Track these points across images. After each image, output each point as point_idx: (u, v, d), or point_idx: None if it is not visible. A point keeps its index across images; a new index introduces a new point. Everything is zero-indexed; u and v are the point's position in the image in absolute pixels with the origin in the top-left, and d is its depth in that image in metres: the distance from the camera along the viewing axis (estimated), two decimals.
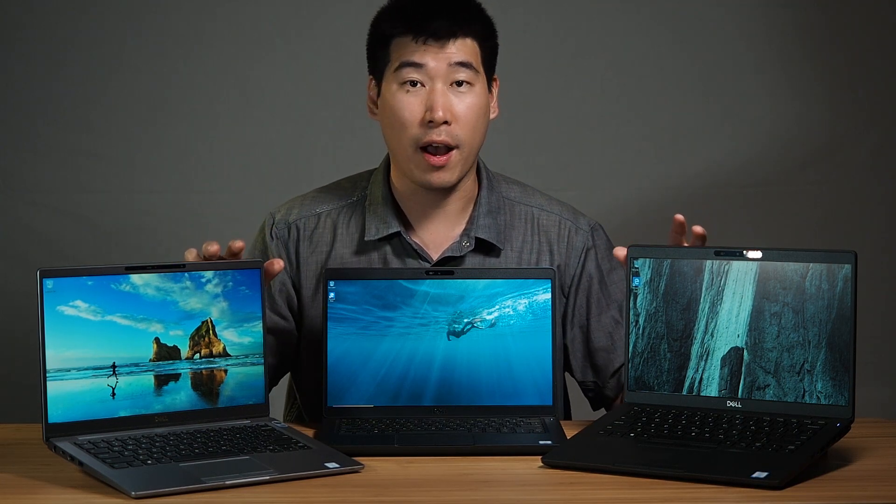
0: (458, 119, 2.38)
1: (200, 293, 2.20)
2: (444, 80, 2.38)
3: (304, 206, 2.52)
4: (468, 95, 2.39)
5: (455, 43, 2.38)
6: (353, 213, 2.49)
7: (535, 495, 2.01)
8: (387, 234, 2.45)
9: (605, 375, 2.51)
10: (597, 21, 3.69)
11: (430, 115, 2.37)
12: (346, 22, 3.56)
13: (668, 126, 3.72)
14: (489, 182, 2.50)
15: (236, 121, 3.66)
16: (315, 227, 2.49)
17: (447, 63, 2.37)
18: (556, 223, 2.52)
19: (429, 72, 2.37)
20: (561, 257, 2.51)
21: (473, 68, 2.39)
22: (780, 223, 3.74)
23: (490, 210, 2.48)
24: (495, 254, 2.47)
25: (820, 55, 3.74)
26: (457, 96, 2.39)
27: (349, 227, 2.49)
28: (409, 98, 2.38)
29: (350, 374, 2.30)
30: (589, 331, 2.51)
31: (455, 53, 2.38)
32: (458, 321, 2.31)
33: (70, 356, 2.09)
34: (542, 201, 2.54)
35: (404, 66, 2.38)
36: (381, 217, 2.46)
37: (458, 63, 2.38)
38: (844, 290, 2.13)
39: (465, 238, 2.46)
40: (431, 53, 2.37)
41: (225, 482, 1.98)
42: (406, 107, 2.38)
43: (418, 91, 2.38)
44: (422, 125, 2.38)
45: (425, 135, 2.38)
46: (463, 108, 2.38)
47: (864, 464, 2.10)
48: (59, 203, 3.64)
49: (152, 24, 3.64)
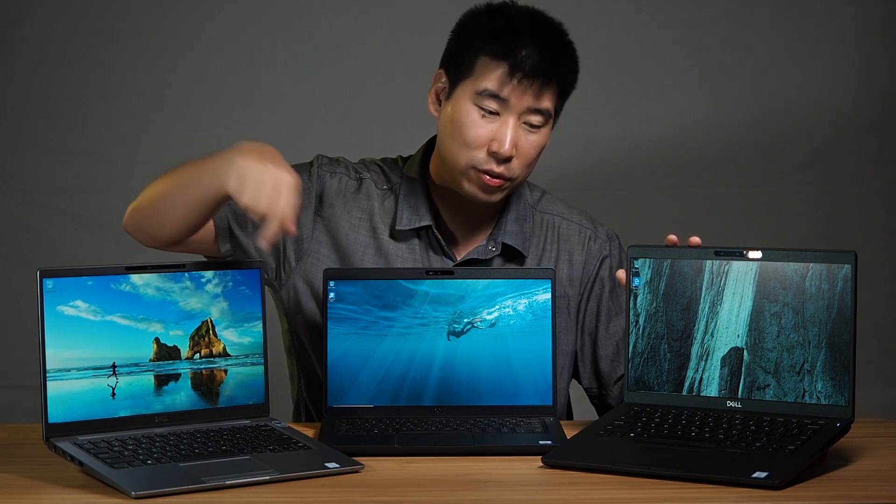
0: (521, 155, 2.36)
1: (200, 293, 2.20)
2: (518, 116, 2.35)
3: (350, 167, 2.50)
4: (536, 136, 2.38)
5: (544, 89, 2.35)
6: (387, 197, 2.49)
7: (535, 495, 2.01)
8: (417, 227, 2.45)
9: (608, 383, 2.52)
10: (597, 21, 3.69)
11: (497, 146, 2.34)
12: (346, 22, 3.57)
13: (668, 126, 3.73)
14: (518, 189, 2.50)
15: (236, 121, 3.66)
16: (356, 191, 2.48)
17: (528, 106, 2.35)
18: (577, 232, 2.53)
19: (509, 108, 2.34)
20: (578, 268, 2.51)
21: (549, 114, 2.38)
22: (780, 223, 3.74)
23: (518, 217, 2.48)
24: (519, 261, 2.48)
25: (820, 55, 3.75)
26: (525, 133, 2.36)
27: (383, 206, 2.48)
28: (482, 122, 2.35)
29: (350, 374, 2.30)
30: (596, 337, 2.52)
31: (541, 100, 2.36)
32: (458, 321, 2.31)
33: (70, 356, 2.09)
34: (562, 209, 2.55)
35: (488, 97, 2.34)
36: (413, 207, 2.45)
37: (539, 109, 2.36)
38: (844, 290, 2.13)
39: (491, 242, 2.46)
40: (518, 92, 2.34)
41: (225, 482, 1.98)
42: (476, 130, 2.35)
43: (492, 118, 2.35)
44: (486, 152, 2.35)
45: (486, 163, 2.35)
46: (528, 147, 2.37)
47: (864, 464, 2.10)
48: (59, 203, 3.64)
49: (152, 24, 3.64)
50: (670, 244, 2.26)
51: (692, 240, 2.25)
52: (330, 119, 3.68)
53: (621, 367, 2.48)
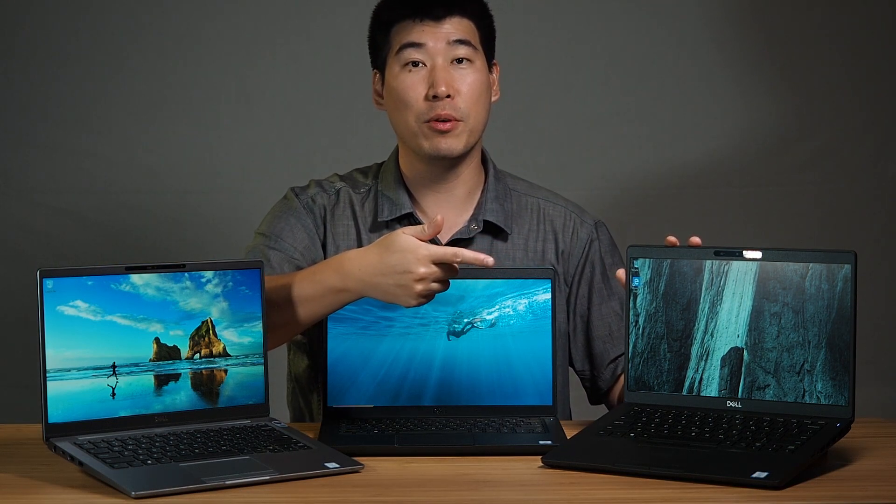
0: (461, 93, 2.45)
1: (200, 293, 2.20)
2: (445, 58, 2.45)
3: (322, 185, 2.56)
4: (469, 71, 2.46)
5: (451, 20, 2.46)
6: (367, 198, 2.54)
7: (535, 495, 2.01)
8: (399, 215, 2.49)
9: (600, 365, 2.54)
10: (597, 21, 3.69)
11: (432, 90, 2.43)
12: (346, 22, 3.56)
13: (668, 126, 3.73)
14: (495, 172, 2.56)
15: (236, 121, 3.66)
16: (336, 204, 2.54)
17: (446, 41, 2.45)
18: (562, 214, 2.57)
19: (429, 51, 2.45)
20: (566, 246, 2.55)
21: (472, 45, 2.46)
22: (780, 223, 3.74)
23: (497, 196, 2.53)
24: (503, 238, 2.52)
25: (820, 55, 3.75)
26: (458, 72, 2.46)
27: (363, 209, 2.53)
28: (412, 77, 2.45)
29: (350, 374, 2.30)
30: (589, 320, 2.55)
31: (452, 31, 2.45)
32: (458, 321, 2.31)
33: (70, 356, 2.09)
34: (547, 195, 2.61)
35: (405, 48, 2.45)
36: (393, 199, 2.51)
37: (457, 40, 2.45)
38: (844, 290, 2.13)
39: (473, 222, 2.51)
40: (429, 33, 2.45)
41: (225, 482, 1.98)
42: (410, 86, 2.45)
43: (420, 70, 2.45)
44: (426, 101, 2.44)
45: (430, 110, 2.44)
46: (465, 84, 2.45)
47: (864, 464, 2.10)
48: (59, 203, 3.64)
49: (152, 24, 3.64)
50: (670, 245, 2.26)
51: (692, 240, 2.26)
52: (330, 119, 3.68)
53: (614, 349, 2.52)
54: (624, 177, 3.72)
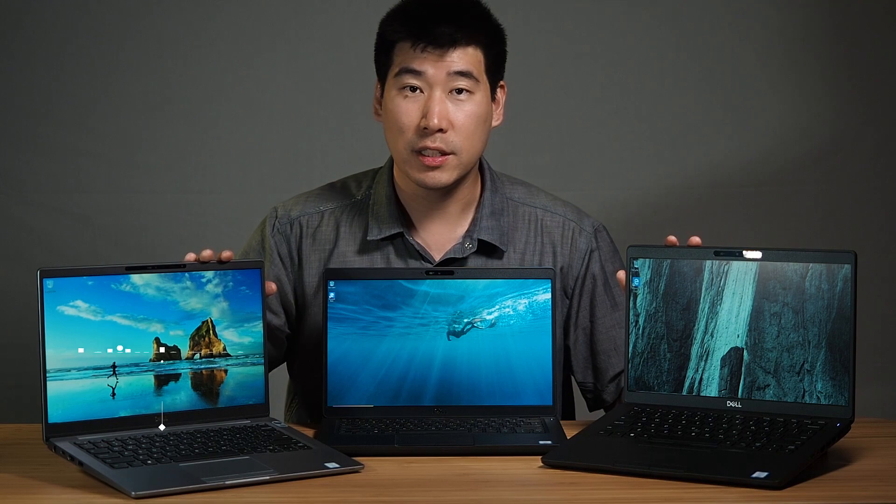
0: (455, 127, 2.38)
1: (201, 293, 2.20)
2: (444, 88, 2.38)
3: (308, 203, 2.52)
4: (467, 104, 2.39)
5: (456, 51, 2.37)
6: (357, 212, 2.50)
7: (535, 495, 2.01)
8: (389, 235, 2.45)
9: (605, 379, 2.52)
10: (597, 21, 3.69)
11: (424, 122, 2.37)
12: (346, 22, 3.56)
13: (668, 126, 3.72)
14: (493, 184, 2.51)
15: (236, 121, 3.66)
16: (318, 225, 2.50)
17: (447, 71, 2.37)
18: (560, 224, 2.52)
19: (428, 79, 2.37)
20: (564, 259, 2.51)
21: (474, 77, 2.39)
22: (780, 223, 3.74)
23: (493, 212, 2.48)
24: (498, 255, 2.47)
25: (820, 55, 3.74)
26: (455, 104, 2.38)
27: (352, 226, 2.49)
28: (407, 104, 2.39)
29: (350, 374, 2.30)
30: (593, 332, 2.51)
31: (455, 62, 2.38)
32: (458, 321, 2.31)
33: (70, 356, 2.09)
34: (546, 202, 2.54)
35: (404, 73, 2.38)
36: (383, 217, 2.46)
37: (458, 72, 2.38)
38: (844, 290, 2.13)
39: (467, 240, 2.46)
40: (431, 61, 2.37)
41: (225, 482, 1.98)
42: (404, 112, 2.39)
43: (417, 97, 2.38)
44: (417, 131, 2.38)
45: (420, 141, 2.38)
46: (461, 117, 2.38)
47: (864, 464, 2.10)
48: (59, 203, 3.64)
49: (152, 24, 3.64)
50: (670, 245, 2.26)
51: (692, 240, 2.25)
52: (330, 119, 3.67)
53: (618, 363, 2.49)
54: (624, 177, 3.72)
